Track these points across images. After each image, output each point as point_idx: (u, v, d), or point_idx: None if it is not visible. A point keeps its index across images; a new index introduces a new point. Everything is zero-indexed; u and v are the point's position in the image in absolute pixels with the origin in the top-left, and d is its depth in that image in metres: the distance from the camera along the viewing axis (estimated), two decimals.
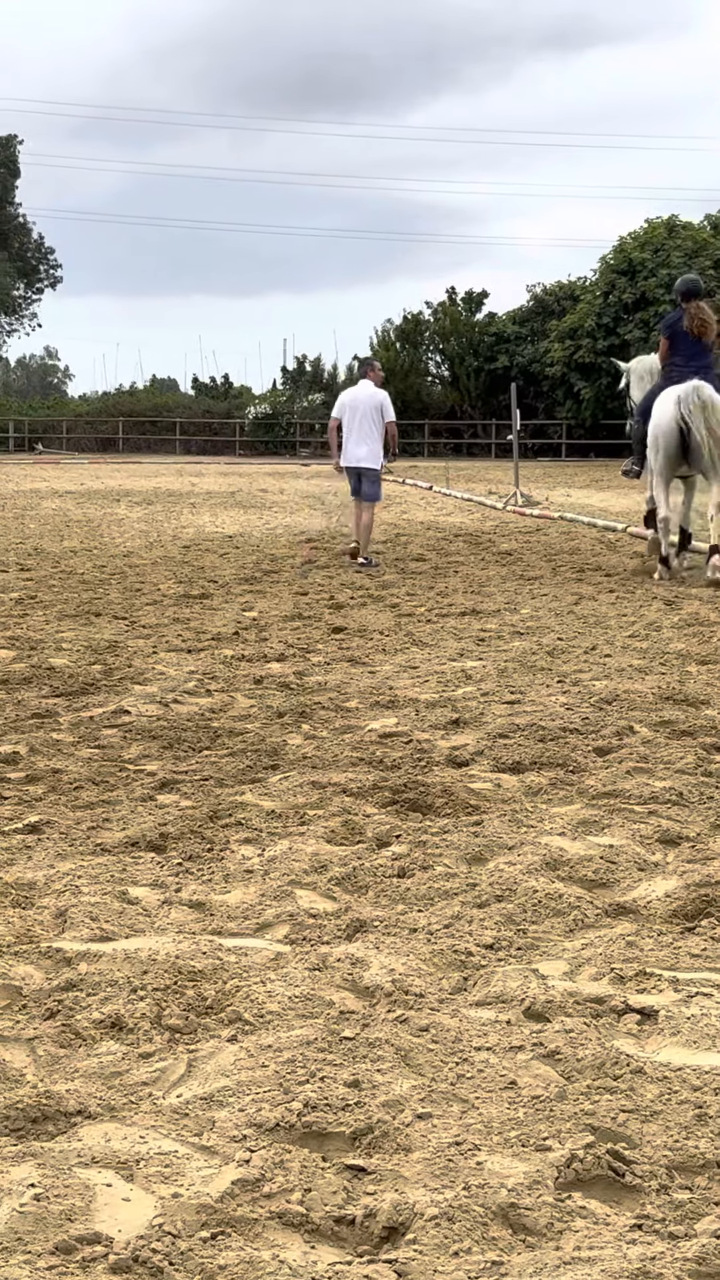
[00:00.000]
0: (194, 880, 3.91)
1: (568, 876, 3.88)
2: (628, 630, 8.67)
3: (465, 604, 10.04)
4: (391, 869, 3.95)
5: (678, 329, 12.19)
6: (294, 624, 9.15)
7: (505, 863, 3.97)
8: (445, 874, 3.89)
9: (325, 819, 4.49)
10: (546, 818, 4.49)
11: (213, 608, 9.97)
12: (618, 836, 4.25)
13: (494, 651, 7.97)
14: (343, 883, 3.85)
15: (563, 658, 7.68)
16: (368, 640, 8.45)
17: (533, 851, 4.04)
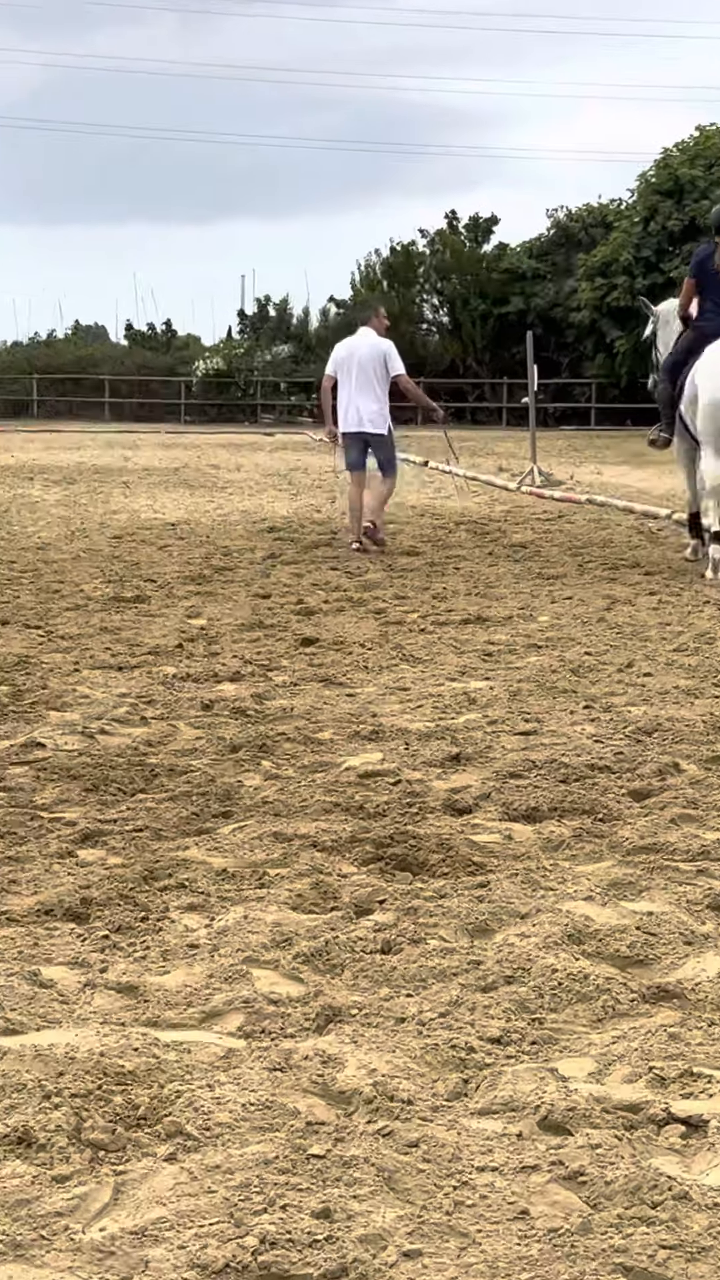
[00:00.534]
0: (124, 957, 3.91)
1: (595, 952, 3.89)
2: (673, 643, 8.71)
3: (469, 609, 10.07)
4: (373, 943, 3.96)
5: (707, 267, 12.38)
6: (253, 634, 9.16)
7: (517, 935, 3.98)
8: (441, 949, 3.90)
9: (290, 880, 4.49)
10: (569, 878, 4.51)
11: (150, 614, 9.97)
12: (659, 902, 4.27)
13: (504, 669, 7.99)
14: (312, 960, 3.85)
15: (590, 677, 7.71)
16: (346, 655, 8.46)
17: (551, 921, 4.06)
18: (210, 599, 10.71)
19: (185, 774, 5.80)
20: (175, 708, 7.04)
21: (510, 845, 4.88)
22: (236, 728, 6.60)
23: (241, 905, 4.28)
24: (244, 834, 5.00)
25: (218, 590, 11.16)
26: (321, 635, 9.08)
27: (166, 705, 7.09)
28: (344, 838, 4.92)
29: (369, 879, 4.53)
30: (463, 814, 5.26)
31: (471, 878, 4.55)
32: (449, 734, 6.42)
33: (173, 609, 10.21)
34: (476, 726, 6.58)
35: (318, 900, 4.33)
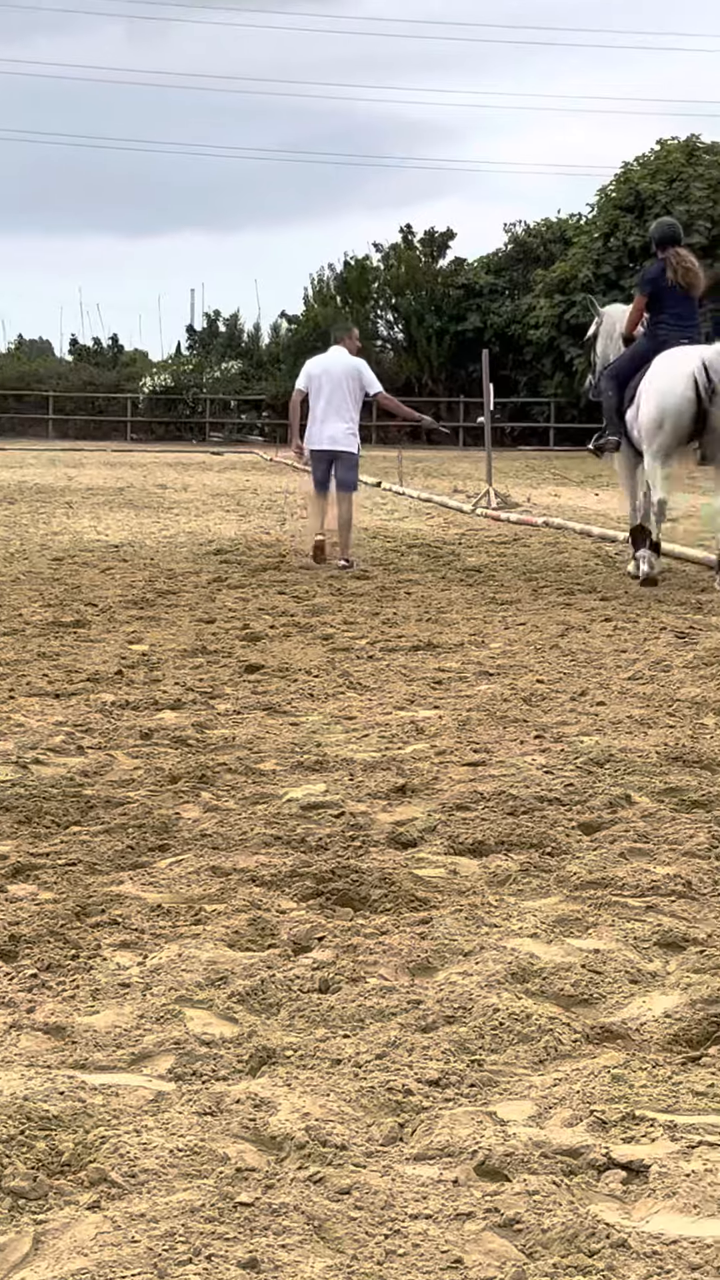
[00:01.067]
0: (52, 997, 3.89)
1: (539, 991, 3.90)
2: (627, 670, 8.75)
3: (419, 635, 10.10)
4: (311, 982, 3.96)
5: (661, 284, 12.98)
6: (195, 661, 9.16)
7: (459, 973, 3.98)
8: (381, 988, 3.90)
9: (227, 916, 4.48)
10: (515, 914, 4.52)
11: (90, 639, 9.96)
12: (606, 939, 4.28)
13: (454, 697, 8.01)
14: (247, 1000, 3.85)
15: (543, 706, 7.74)
16: (291, 682, 8.47)
17: (495, 959, 4.07)
18: (153, 624, 10.70)
19: (122, 806, 5.78)
20: (113, 737, 7.02)
21: (455, 880, 4.89)
22: (176, 758, 6.59)
23: (176, 943, 4.27)
24: (181, 868, 4.99)
25: (161, 615, 11.15)
26: (267, 661, 9.09)
27: (104, 734, 7.07)
28: (284, 872, 4.92)
29: (308, 915, 4.53)
30: (407, 847, 5.27)
31: (414, 914, 4.56)
32: (395, 764, 6.43)
33: (113, 634, 10.19)
34: (424, 757, 6.60)
35: (255, 937, 4.32)
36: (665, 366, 12.47)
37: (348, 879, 4.83)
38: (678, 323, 12.95)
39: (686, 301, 13.05)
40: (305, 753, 6.68)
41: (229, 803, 5.88)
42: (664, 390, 12.42)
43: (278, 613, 11.35)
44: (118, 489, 27.50)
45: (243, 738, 7.01)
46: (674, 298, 13.00)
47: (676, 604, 11.77)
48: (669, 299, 13.00)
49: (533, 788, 5.96)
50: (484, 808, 5.69)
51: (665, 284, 13.00)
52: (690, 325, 13.02)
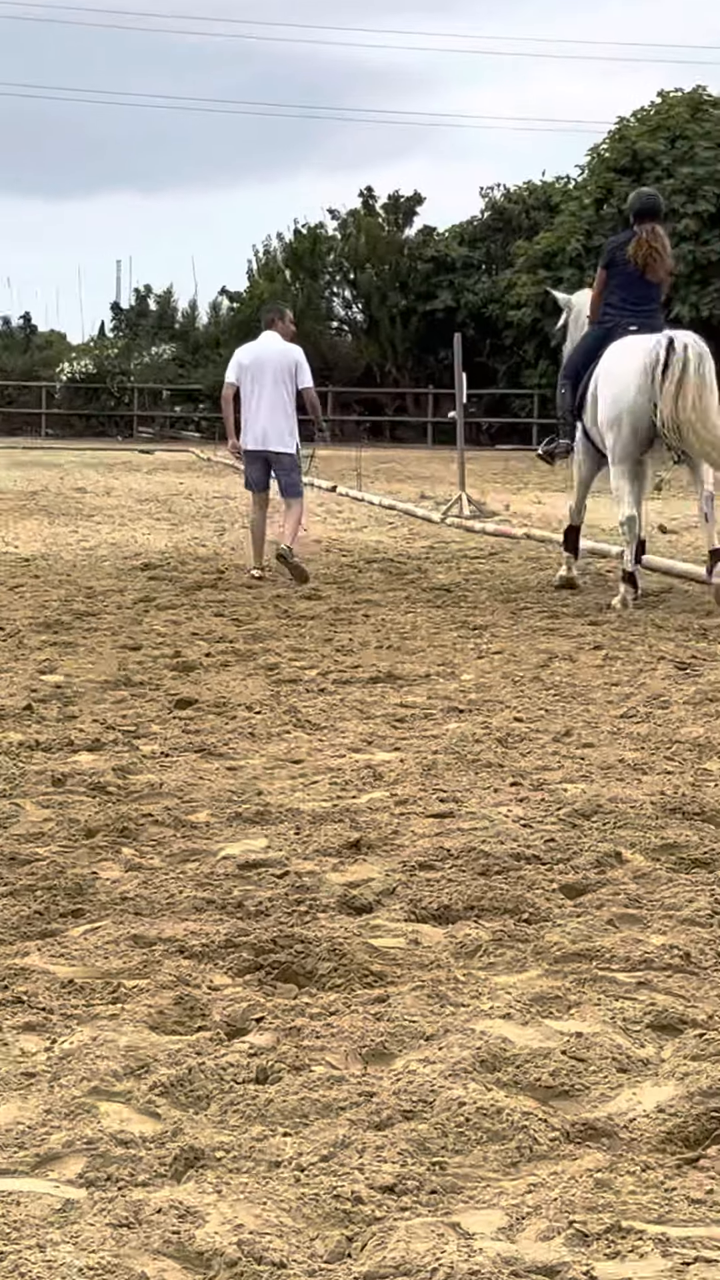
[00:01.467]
0: None
1: (512, 1081, 3.90)
2: (620, 707, 8.79)
3: (378, 665, 10.12)
4: (247, 1070, 3.95)
5: (619, 256, 13.40)
6: (118, 694, 9.15)
7: (419, 1060, 3.98)
8: (328, 1078, 3.90)
9: (150, 994, 4.47)
10: (485, 992, 4.52)
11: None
12: (590, 1020, 4.29)
13: (418, 738, 8.02)
14: (171, 1092, 3.84)
15: (521, 748, 7.76)
16: (228, 720, 8.47)
17: (461, 1043, 4.07)
18: (68, 650, 10.68)
19: (29, 864, 5.76)
20: (20, 783, 7.00)
21: (416, 951, 4.89)
22: (94, 808, 6.57)
23: (90, 1025, 4.25)
24: (97, 937, 4.97)
25: (78, 640, 11.13)
26: (201, 695, 9.08)
27: (9, 779, 7.05)
28: (217, 942, 4.91)
29: (245, 992, 4.52)
30: (361, 913, 5.26)
31: (368, 990, 4.55)
32: (348, 816, 6.43)
33: (22, 662, 10.17)
34: (382, 807, 6.60)
35: (182, 1018, 4.31)
36: (616, 361, 12.89)
37: (291, 950, 4.82)
38: (627, 306, 13.36)
39: (643, 284, 13.42)
40: (244, 802, 6.67)
41: (154, 860, 5.86)
42: (618, 388, 12.82)
43: (214, 638, 11.35)
44: (29, 493, 27.48)
45: (172, 785, 6.99)
46: (628, 277, 13.39)
47: (676, 629, 11.83)
48: (622, 277, 13.41)
49: (508, 844, 5.97)
50: (451, 867, 5.69)
51: (622, 257, 13.38)
52: (644, 310, 13.37)
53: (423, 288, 56.75)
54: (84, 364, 58.89)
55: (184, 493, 28.47)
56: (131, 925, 5.09)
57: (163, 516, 22.80)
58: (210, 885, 5.51)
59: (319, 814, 6.49)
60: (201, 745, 7.85)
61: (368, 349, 57.51)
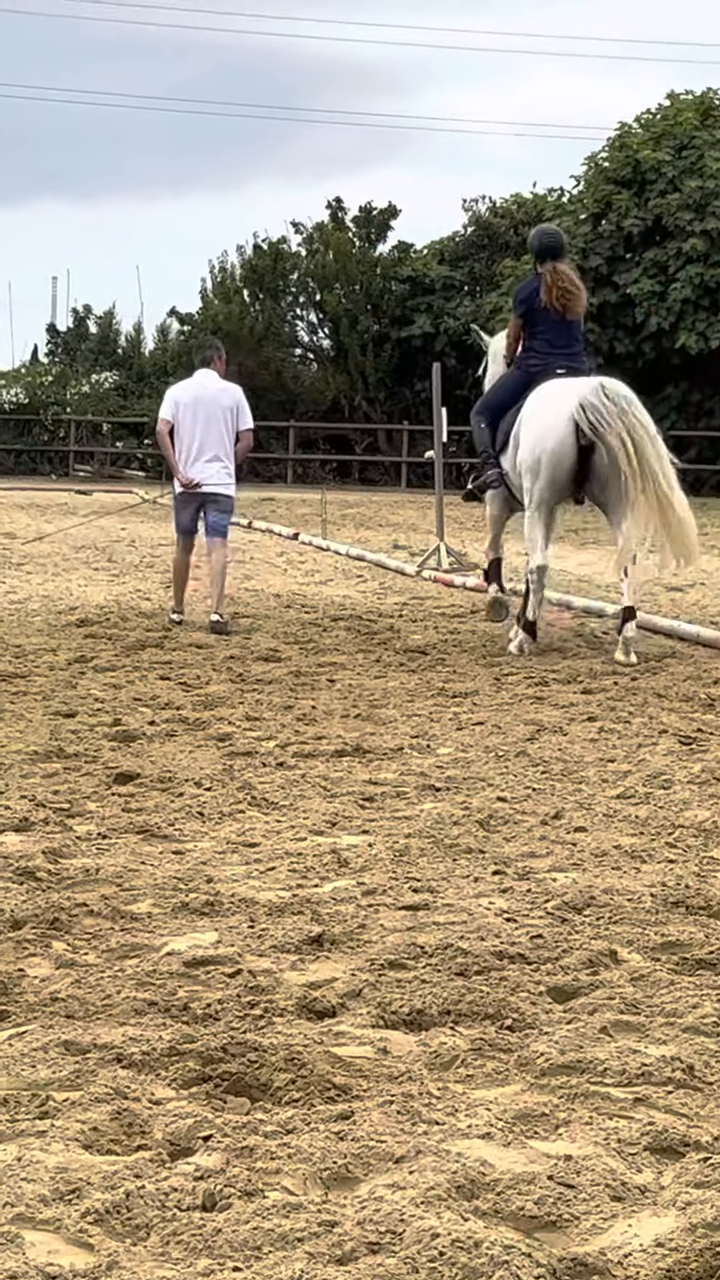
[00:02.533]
0: None
1: (492, 1210, 3.90)
2: (615, 787, 8.81)
3: (345, 737, 10.13)
4: (192, 1195, 3.94)
5: (535, 304, 14.64)
6: (49, 766, 9.15)
7: (388, 1186, 3.98)
8: (284, 1204, 3.89)
9: (83, 1107, 4.46)
10: (462, 1108, 4.52)
11: None
12: (581, 1142, 4.29)
13: (389, 819, 8.02)
14: (106, 1219, 3.83)
15: (504, 832, 7.77)
16: (174, 797, 8.47)
17: (435, 1167, 4.06)
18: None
19: None
20: None
21: (385, 1062, 4.88)
22: (21, 895, 6.55)
23: (14, 1142, 4.24)
24: (23, 1043, 4.95)
25: (4, 705, 11.12)
26: (143, 769, 9.08)
27: None
28: (160, 1050, 4.89)
29: (191, 1107, 4.51)
30: (323, 1018, 5.26)
31: (330, 1106, 4.54)
32: (309, 907, 6.42)
33: None
34: (347, 898, 6.59)
35: (119, 1136, 4.30)
36: (541, 405, 14.08)
37: (244, 1059, 4.81)
38: (551, 350, 14.59)
39: (563, 326, 14.67)
40: (192, 891, 6.66)
41: (89, 956, 5.85)
42: (539, 434, 14.01)
43: (159, 704, 11.35)
44: None
45: (109, 870, 6.98)
46: (548, 321, 14.60)
47: (680, 699, 11.87)
48: (542, 322, 14.62)
49: (489, 940, 5.97)
50: (425, 966, 5.69)
51: (539, 304, 14.59)
52: (568, 352, 14.67)
53: (397, 311, 56.96)
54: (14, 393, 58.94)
55: (126, 539, 28.47)
56: (63, 1030, 5.07)
57: (102, 566, 22.81)
58: (152, 985, 5.49)
59: (276, 905, 6.48)
60: (144, 826, 7.83)
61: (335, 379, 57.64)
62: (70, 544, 26.57)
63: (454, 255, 57.87)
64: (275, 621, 16.33)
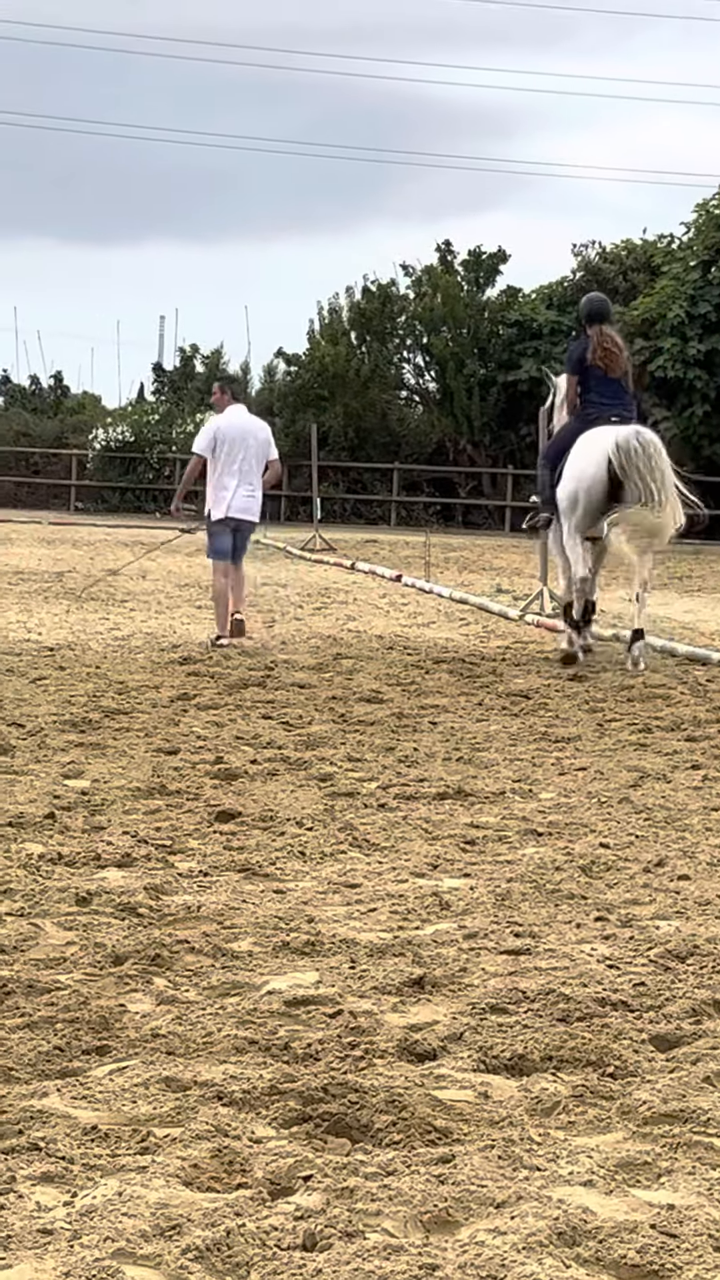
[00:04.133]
0: None
1: (594, 1258, 3.88)
2: (719, 834, 8.77)
3: (447, 779, 10.12)
4: (292, 1235, 3.94)
5: (585, 364, 17.04)
6: (151, 804, 9.17)
7: (489, 1230, 3.97)
8: (385, 1246, 3.89)
9: (184, 1144, 4.47)
10: (564, 1154, 4.50)
11: (13, 771, 9.98)
12: (683, 1191, 4.27)
13: (490, 863, 8.01)
14: (206, 1256, 3.83)
15: (607, 878, 7.75)
16: (275, 836, 8.48)
17: (537, 1213, 4.05)
18: (97, 753, 10.72)
19: (49, 993, 5.78)
20: (40, 901, 7.02)
21: (486, 1106, 4.87)
22: (122, 931, 6.58)
23: (115, 1177, 4.25)
24: (124, 1078, 4.97)
25: (107, 741, 11.17)
26: (245, 808, 9.10)
27: (28, 897, 7.07)
28: (260, 1088, 4.90)
29: (291, 1146, 4.51)
30: (424, 1060, 5.25)
31: (431, 1149, 4.53)
32: (411, 950, 6.42)
33: (44, 765, 10.21)
34: (449, 941, 6.58)
35: (220, 1173, 4.30)
36: (584, 446, 16.48)
37: (344, 1100, 4.81)
38: (603, 400, 16.86)
39: (610, 381, 16.95)
40: (293, 930, 6.67)
41: (190, 993, 5.87)
42: (580, 468, 16.39)
43: (261, 743, 11.37)
44: (55, 574, 27.65)
45: (211, 908, 7.00)
46: (597, 378, 16.91)
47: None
48: (592, 379, 16.95)
49: (591, 986, 5.95)
50: (526, 1011, 5.68)
51: (589, 364, 16.95)
52: (617, 403, 16.90)
53: (504, 355, 56.95)
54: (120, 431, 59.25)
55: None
56: (163, 1066, 5.09)
57: (205, 604, 22.87)
58: (253, 1023, 5.50)
59: (377, 946, 6.49)
60: (245, 864, 7.85)
61: (440, 422, 57.72)
62: (174, 582, 26.70)
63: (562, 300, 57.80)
64: (378, 663, 16.34)
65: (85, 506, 57.86)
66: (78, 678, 14.33)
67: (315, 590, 26.70)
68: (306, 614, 22.03)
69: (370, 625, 20.66)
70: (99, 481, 58.90)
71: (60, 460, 60.01)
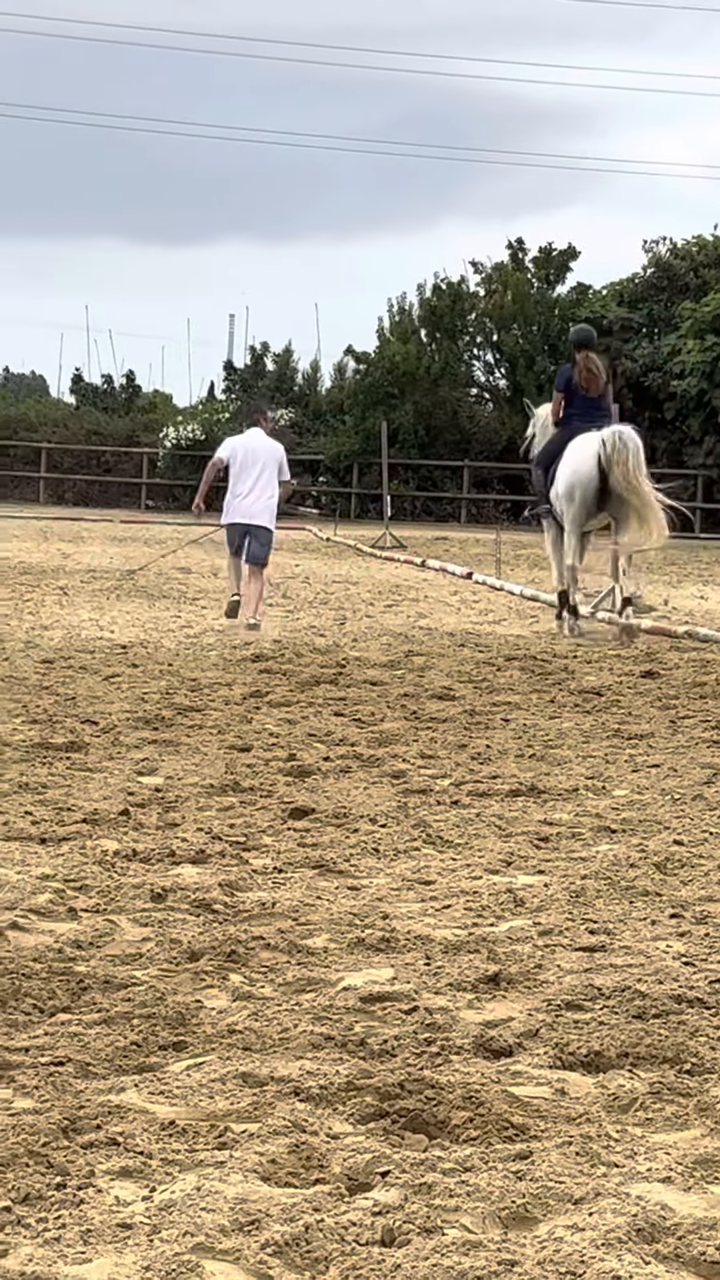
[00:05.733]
0: (30, 1238, 3.89)
1: (674, 1255, 3.87)
2: None
3: (519, 777, 10.11)
4: (371, 1230, 3.94)
5: (572, 384, 20.22)
6: (225, 799, 9.20)
7: (567, 1227, 3.96)
8: (463, 1242, 3.88)
9: (261, 1139, 4.48)
10: (642, 1151, 4.49)
11: (88, 768, 10.02)
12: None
13: (564, 860, 8.00)
14: (285, 1251, 3.83)
15: (682, 875, 7.72)
16: (349, 833, 8.49)
17: (615, 1209, 4.04)
18: (170, 750, 10.75)
19: (125, 988, 5.80)
20: (115, 897, 7.05)
21: (563, 1103, 4.86)
22: (197, 928, 6.60)
23: (193, 1172, 4.26)
24: (201, 1074, 4.98)
25: (181, 738, 11.20)
26: (318, 805, 9.11)
27: (104, 893, 7.10)
28: (337, 1084, 4.90)
29: (368, 1142, 4.51)
30: (500, 1057, 5.25)
31: (508, 1145, 4.53)
32: (485, 946, 6.42)
33: (118, 762, 10.25)
34: (523, 937, 6.58)
35: (298, 1169, 4.31)
36: (575, 449, 19.30)
37: (421, 1096, 4.81)
38: (584, 414, 19.84)
39: (590, 399, 20.04)
40: (367, 927, 6.68)
41: (266, 989, 5.88)
42: (574, 467, 19.12)
43: (334, 740, 11.38)
44: (127, 571, 27.73)
45: (285, 904, 7.02)
46: (580, 396, 20.06)
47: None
48: (576, 398, 20.08)
49: (668, 983, 5.93)
50: (602, 1008, 5.67)
51: (574, 383, 20.13)
52: (596, 415, 19.84)
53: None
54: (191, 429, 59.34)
55: (300, 575, 28.63)
56: (240, 1062, 5.10)
57: (276, 602, 22.92)
58: (329, 1020, 5.51)
59: (452, 943, 6.49)
60: (319, 861, 7.87)
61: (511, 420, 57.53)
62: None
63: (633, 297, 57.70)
64: (449, 660, 16.33)
65: (156, 504, 58.02)
66: (150, 675, 14.38)
67: (386, 588, 26.70)
68: (378, 611, 22.03)
69: (441, 622, 20.65)
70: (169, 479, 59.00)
71: (131, 459, 60.19)
